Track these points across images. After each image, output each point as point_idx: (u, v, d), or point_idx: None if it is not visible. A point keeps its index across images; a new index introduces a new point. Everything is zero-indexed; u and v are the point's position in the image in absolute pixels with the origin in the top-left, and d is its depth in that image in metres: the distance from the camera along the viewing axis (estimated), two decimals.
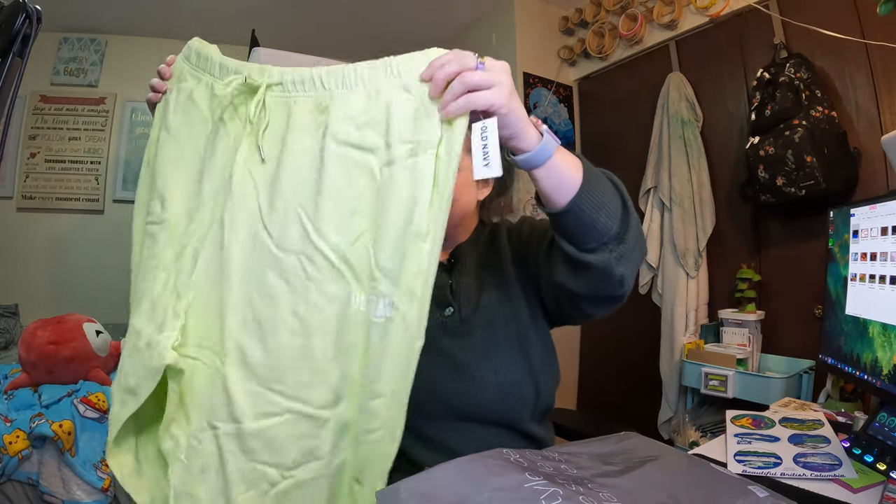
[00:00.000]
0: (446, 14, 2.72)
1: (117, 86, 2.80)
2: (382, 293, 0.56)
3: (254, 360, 0.57)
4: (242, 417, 0.56)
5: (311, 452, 0.57)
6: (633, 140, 2.29)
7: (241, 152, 0.63)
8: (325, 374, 0.56)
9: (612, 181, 0.64)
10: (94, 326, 1.54)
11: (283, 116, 0.63)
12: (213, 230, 0.61)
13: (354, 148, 0.58)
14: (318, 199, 0.58)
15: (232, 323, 0.58)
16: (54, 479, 1.30)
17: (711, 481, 0.59)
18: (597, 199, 0.60)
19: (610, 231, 0.61)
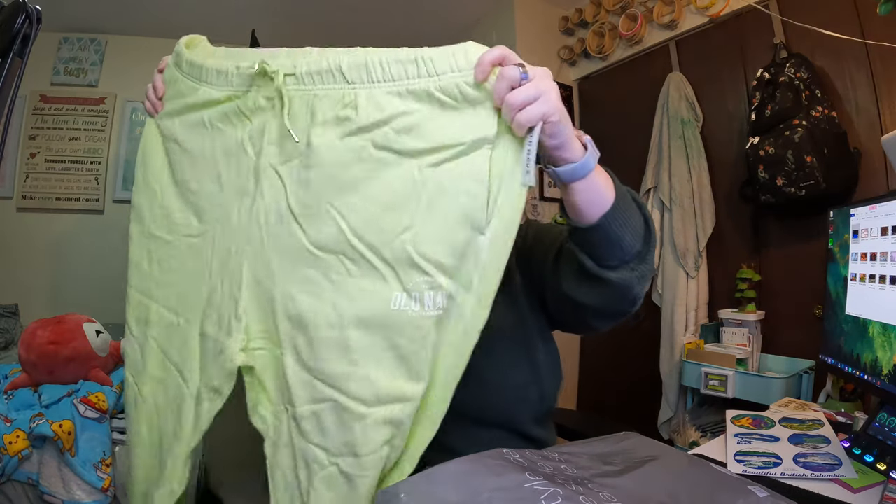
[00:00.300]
0: (446, 14, 2.72)
1: (117, 86, 2.80)
2: (437, 285, 0.56)
3: (302, 351, 0.59)
4: (297, 401, 0.59)
5: (348, 445, 0.58)
6: (633, 140, 2.29)
7: (265, 154, 0.63)
8: (364, 367, 0.57)
9: (635, 200, 0.63)
10: (94, 326, 1.54)
11: (304, 113, 0.61)
12: (252, 231, 0.63)
13: (395, 153, 0.57)
14: (351, 198, 0.58)
15: (282, 318, 0.60)
16: (54, 479, 1.30)
17: (711, 481, 0.59)
18: (625, 218, 0.59)
19: (633, 250, 0.60)
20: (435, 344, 0.57)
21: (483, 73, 0.53)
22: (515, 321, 0.77)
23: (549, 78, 0.54)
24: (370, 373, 0.57)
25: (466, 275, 0.56)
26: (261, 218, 0.62)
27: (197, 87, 0.69)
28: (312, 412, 0.58)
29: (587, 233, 0.59)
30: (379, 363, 0.57)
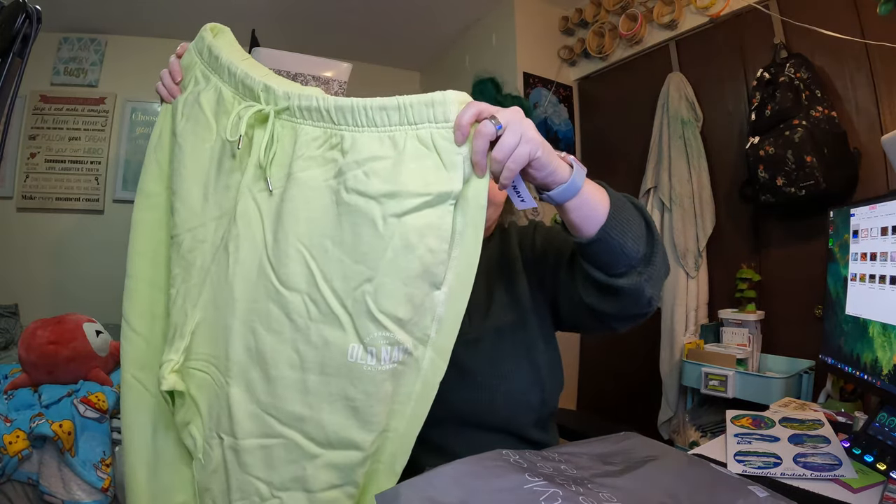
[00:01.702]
0: (446, 14, 2.72)
1: (117, 86, 2.80)
2: (395, 340, 0.56)
3: (255, 385, 0.59)
4: (241, 434, 0.58)
5: (298, 481, 0.58)
6: (633, 140, 2.29)
7: (246, 176, 0.62)
8: (318, 411, 0.58)
9: (634, 204, 0.65)
10: (94, 326, 1.53)
11: (289, 141, 0.61)
12: (220, 254, 0.62)
13: (362, 196, 0.56)
14: (323, 241, 0.57)
15: (237, 349, 0.59)
16: (54, 479, 1.30)
17: (711, 481, 0.59)
18: (624, 225, 0.60)
19: (637, 254, 0.62)
20: (391, 396, 0.58)
21: (463, 137, 0.54)
22: (517, 323, 0.77)
23: (521, 115, 0.55)
24: (323, 417, 0.57)
25: (424, 329, 0.57)
26: (231, 243, 0.61)
27: (209, 76, 0.68)
28: (261, 446, 0.58)
29: (589, 246, 0.61)
30: (332, 410, 0.57)
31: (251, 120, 0.62)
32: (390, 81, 3.42)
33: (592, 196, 0.60)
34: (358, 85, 2.13)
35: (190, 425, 0.62)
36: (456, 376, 0.73)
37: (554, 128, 2.60)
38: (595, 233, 0.59)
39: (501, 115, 0.55)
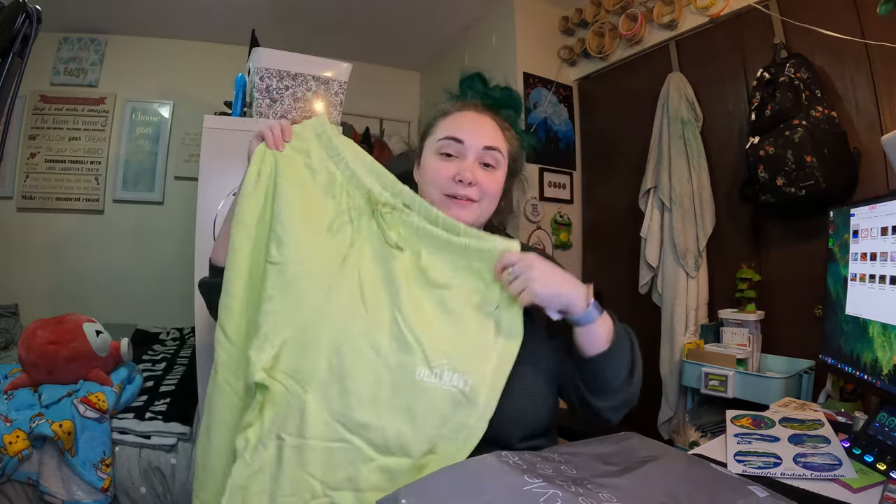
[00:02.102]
0: (446, 14, 2.72)
1: (117, 86, 2.80)
2: (454, 368, 0.70)
3: (331, 396, 0.69)
4: (309, 435, 0.67)
5: (350, 481, 0.67)
6: (633, 140, 2.29)
7: (355, 245, 0.78)
8: (383, 420, 0.68)
9: (630, 340, 0.77)
10: (94, 326, 1.53)
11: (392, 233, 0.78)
12: (320, 290, 0.74)
13: (439, 287, 0.75)
14: (410, 309, 0.73)
15: (321, 365, 0.70)
16: (54, 479, 1.30)
17: (711, 481, 0.59)
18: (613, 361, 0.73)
19: (613, 384, 0.74)
20: (448, 421, 0.68)
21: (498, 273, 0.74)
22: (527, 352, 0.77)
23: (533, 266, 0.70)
24: (386, 425, 0.67)
25: (482, 371, 0.70)
26: (335, 286, 0.74)
27: (327, 161, 0.83)
28: (325, 448, 0.67)
29: (583, 361, 0.74)
30: (395, 419, 0.68)
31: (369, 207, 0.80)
32: (390, 81, 3.42)
33: (599, 331, 0.72)
34: (358, 85, 2.13)
35: (248, 429, 0.70)
36: None
37: (554, 128, 2.60)
38: (590, 356, 0.73)
39: (519, 265, 0.71)
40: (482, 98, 0.90)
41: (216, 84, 2.71)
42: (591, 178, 2.64)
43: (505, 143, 0.85)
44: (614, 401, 0.76)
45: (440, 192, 0.81)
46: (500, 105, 0.90)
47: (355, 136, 3.04)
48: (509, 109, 0.91)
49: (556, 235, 2.54)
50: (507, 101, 0.91)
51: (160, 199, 2.87)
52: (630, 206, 2.25)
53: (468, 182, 0.80)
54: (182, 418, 1.51)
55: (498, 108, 0.90)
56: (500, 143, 0.84)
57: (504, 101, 0.90)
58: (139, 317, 2.67)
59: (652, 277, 2.15)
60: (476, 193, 0.81)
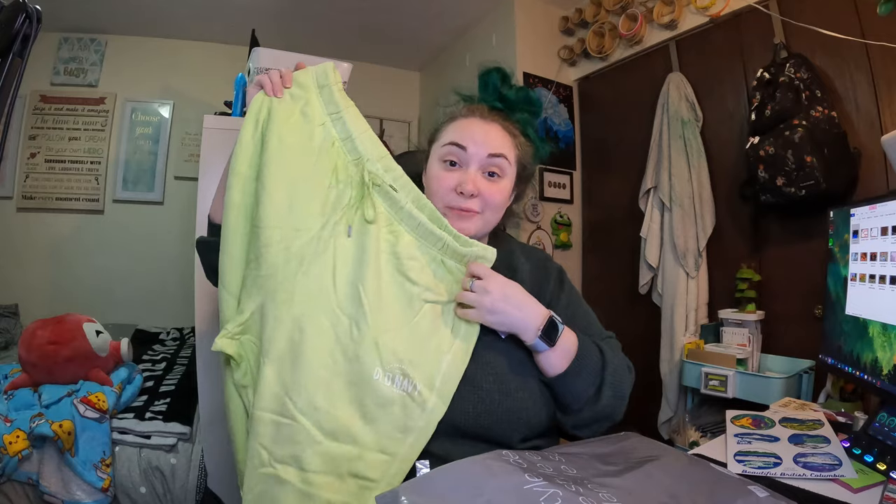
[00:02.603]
0: (446, 14, 2.72)
1: (117, 86, 2.80)
2: (406, 373, 0.70)
3: (285, 371, 0.69)
4: (259, 404, 0.68)
5: (295, 459, 0.67)
6: (633, 140, 2.29)
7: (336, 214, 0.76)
8: (334, 408, 0.68)
9: (602, 363, 0.77)
10: (94, 326, 1.53)
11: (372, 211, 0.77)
12: (292, 261, 0.73)
13: (409, 281, 0.75)
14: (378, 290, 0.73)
15: (280, 338, 0.70)
16: (54, 479, 1.30)
17: (711, 481, 0.59)
18: (572, 385, 0.75)
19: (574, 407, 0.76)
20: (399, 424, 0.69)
21: (465, 280, 0.75)
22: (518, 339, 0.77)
23: (492, 289, 0.73)
24: (338, 413, 0.68)
25: (431, 377, 0.71)
26: (306, 259, 0.73)
27: (325, 117, 0.80)
28: (273, 421, 0.68)
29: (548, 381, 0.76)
30: (346, 409, 0.68)
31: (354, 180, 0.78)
32: (390, 81, 3.42)
33: (553, 359, 0.74)
34: (358, 85, 2.13)
35: (248, 388, 0.73)
36: (461, 392, 0.72)
37: (554, 128, 2.60)
38: (549, 378, 0.75)
39: (478, 283, 0.73)
40: (494, 99, 0.87)
41: (216, 84, 2.71)
42: (591, 178, 2.64)
43: (513, 149, 0.83)
44: (576, 419, 0.77)
45: (442, 204, 0.80)
46: (513, 107, 0.87)
47: None
48: (523, 113, 0.87)
49: (556, 235, 2.54)
50: (520, 102, 0.87)
51: (160, 199, 2.87)
52: (630, 206, 2.25)
53: (469, 194, 0.79)
54: (182, 418, 1.51)
55: (511, 110, 0.87)
56: (507, 149, 0.81)
57: (518, 102, 0.87)
58: (139, 317, 2.67)
59: (652, 277, 2.15)
60: (478, 205, 0.80)
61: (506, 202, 0.85)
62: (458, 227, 0.79)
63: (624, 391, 0.79)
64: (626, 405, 0.79)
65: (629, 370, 0.82)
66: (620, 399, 0.78)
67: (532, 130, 0.88)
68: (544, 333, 0.73)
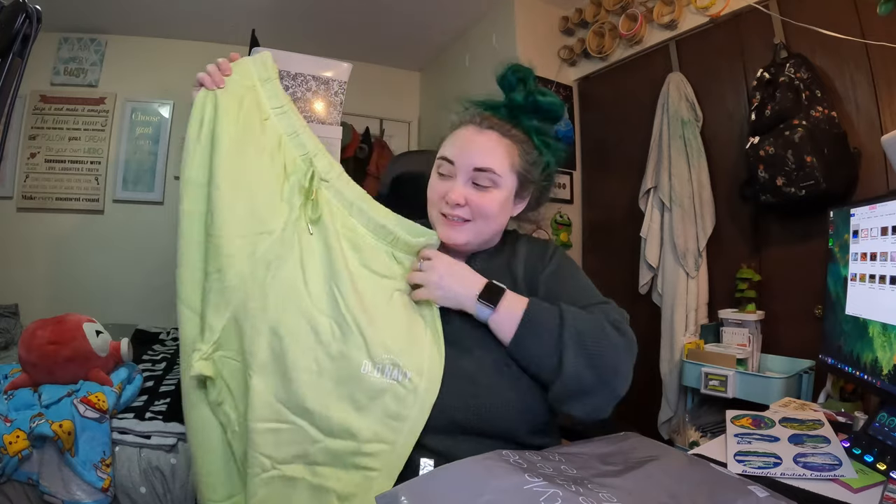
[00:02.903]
0: (446, 14, 2.72)
1: (117, 86, 2.80)
2: (395, 363, 0.71)
3: (273, 381, 0.69)
4: (254, 419, 0.68)
5: (300, 457, 0.68)
6: (633, 140, 2.29)
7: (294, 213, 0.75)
8: (326, 409, 0.68)
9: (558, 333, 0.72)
10: (94, 326, 1.53)
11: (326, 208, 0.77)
12: (258, 266, 0.72)
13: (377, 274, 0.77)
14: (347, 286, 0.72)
15: (262, 348, 0.69)
16: (54, 479, 1.30)
17: (711, 481, 0.59)
18: (525, 351, 0.73)
19: (542, 377, 0.73)
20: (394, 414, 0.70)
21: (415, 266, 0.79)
22: None
23: (439, 267, 0.77)
24: (331, 413, 0.68)
25: (419, 362, 0.72)
26: (274, 262, 0.72)
27: (270, 111, 0.79)
28: (270, 429, 0.68)
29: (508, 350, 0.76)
30: (339, 407, 0.69)
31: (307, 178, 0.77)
32: (390, 81, 3.42)
33: (501, 323, 0.75)
34: (358, 85, 2.13)
35: (224, 405, 0.71)
36: (455, 384, 0.72)
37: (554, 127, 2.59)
38: (507, 348, 0.75)
39: (430, 261, 0.77)
40: (496, 108, 0.88)
41: None
42: (591, 178, 2.64)
43: (506, 158, 0.82)
44: (552, 394, 0.73)
45: (436, 211, 0.84)
46: (517, 114, 0.87)
47: (355, 135, 3.04)
48: (530, 119, 0.87)
49: (556, 235, 2.54)
50: (528, 109, 0.87)
51: (160, 199, 2.86)
52: (630, 206, 2.25)
53: (455, 203, 0.81)
54: (182, 418, 1.51)
55: (516, 117, 0.87)
56: (496, 161, 0.81)
57: (526, 107, 0.87)
58: (139, 317, 2.66)
59: (652, 277, 2.15)
60: (467, 213, 0.82)
61: (503, 211, 0.85)
62: (448, 237, 0.82)
63: (607, 361, 0.70)
64: (619, 376, 0.71)
65: (618, 332, 0.73)
66: (596, 367, 0.70)
67: (537, 138, 0.87)
68: (482, 297, 0.75)
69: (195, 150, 0.74)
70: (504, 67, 0.89)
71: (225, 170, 0.73)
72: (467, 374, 0.73)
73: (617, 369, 0.72)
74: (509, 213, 0.88)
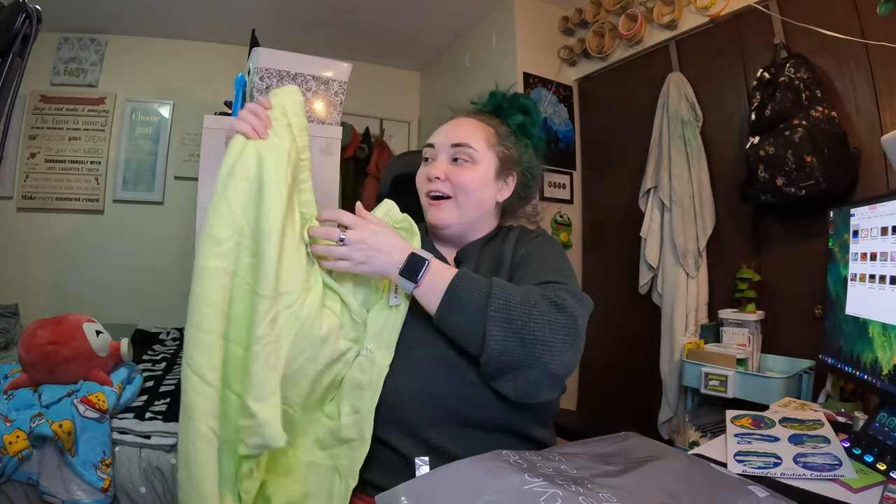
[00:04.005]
0: (446, 14, 2.72)
1: (117, 86, 2.80)
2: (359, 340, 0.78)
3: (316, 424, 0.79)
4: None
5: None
6: (633, 140, 2.29)
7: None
8: None
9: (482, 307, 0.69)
10: (94, 326, 1.53)
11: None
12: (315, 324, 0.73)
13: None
14: None
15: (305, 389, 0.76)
16: (54, 479, 1.30)
17: (711, 481, 0.59)
18: (449, 323, 0.72)
19: (472, 350, 0.71)
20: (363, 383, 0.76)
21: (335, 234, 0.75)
22: None
23: (363, 237, 0.74)
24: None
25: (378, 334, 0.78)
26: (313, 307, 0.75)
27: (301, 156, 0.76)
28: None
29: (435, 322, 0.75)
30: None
31: None
32: (390, 81, 3.43)
33: (424, 296, 0.73)
34: (358, 85, 2.13)
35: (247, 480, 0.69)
36: (451, 374, 0.73)
37: (554, 128, 2.60)
38: (435, 317, 0.73)
39: (354, 233, 0.74)
40: (482, 105, 0.95)
41: (216, 84, 2.71)
42: (591, 178, 2.64)
43: (480, 134, 0.87)
44: (483, 369, 0.70)
45: (423, 194, 0.88)
46: (501, 109, 0.93)
47: (355, 136, 3.04)
48: (514, 111, 0.92)
49: (556, 235, 2.54)
50: (509, 103, 0.93)
51: (160, 199, 2.87)
52: (630, 206, 2.25)
53: (434, 177, 0.84)
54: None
55: (500, 113, 0.93)
56: (474, 138, 0.86)
57: (507, 103, 0.93)
58: (139, 317, 2.66)
59: (652, 277, 2.15)
60: (448, 188, 0.85)
61: (483, 186, 0.87)
62: (434, 217, 0.86)
63: (531, 328, 0.66)
64: (548, 349, 0.66)
65: (555, 308, 0.68)
66: (523, 340, 0.66)
67: (517, 128, 0.92)
68: (405, 270, 0.73)
69: (220, 205, 0.67)
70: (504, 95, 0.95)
71: (269, 224, 0.66)
72: (455, 363, 0.73)
73: (548, 343, 0.66)
74: (493, 193, 0.89)
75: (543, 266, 0.80)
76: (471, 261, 0.85)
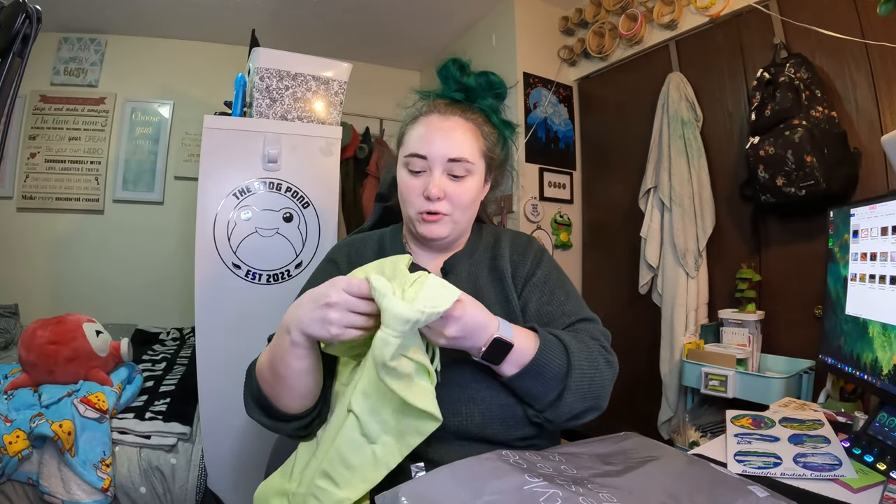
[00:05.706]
0: (446, 14, 2.72)
1: (117, 86, 2.80)
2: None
3: None
4: None
5: None
6: (633, 140, 2.29)
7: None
8: None
9: (566, 369, 0.71)
10: (94, 326, 1.53)
11: None
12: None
13: None
14: None
15: None
16: (54, 479, 1.30)
17: (711, 481, 0.59)
18: (524, 389, 0.71)
19: (533, 405, 0.72)
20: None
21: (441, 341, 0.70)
22: None
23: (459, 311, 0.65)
24: None
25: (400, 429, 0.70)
26: None
27: None
28: None
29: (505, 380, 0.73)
30: None
31: None
32: (390, 81, 3.42)
33: (505, 369, 0.70)
34: (358, 85, 2.13)
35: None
36: (448, 390, 0.72)
37: (554, 128, 2.60)
38: (506, 379, 0.71)
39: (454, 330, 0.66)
40: (454, 90, 0.88)
41: (216, 84, 2.72)
42: (591, 178, 2.64)
43: (475, 143, 0.83)
44: (542, 417, 0.73)
45: (415, 210, 0.82)
46: (474, 95, 0.88)
47: (355, 136, 3.04)
48: (486, 98, 0.88)
49: (556, 235, 2.54)
50: (482, 88, 0.88)
51: (160, 199, 2.87)
52: (630, 206, 2.25)
53: (436, 198, 0.80)
54: (182, 418, 1.51)
55: (473, 99, 0.88)
56: (468, 149, 0.81)
57: (479, 89, 0.88)
58: (139, 317, 2.67)
59: (652, 277, 2.15)
60: (446, 207, 0.81)
61: (477, 198, 0.86)
62: (429, 231, 0.81)
63: (597, 393, 0.73)
64: (603, 401, 0.75)
65: (608, 364, 0.77)
66: (586, 400, 0.72)
67: (496, 117, 0.89)
68: (486, 356, 0.69)
69: None
70: (444, 60, 0.91)
71: None
72: (459, 383, 0.73)
73: (603, 396, 0.75)
74: (480, 196, 0.88)
75: (568, 300, 0.84)
76: (461, 273, 0.85)
